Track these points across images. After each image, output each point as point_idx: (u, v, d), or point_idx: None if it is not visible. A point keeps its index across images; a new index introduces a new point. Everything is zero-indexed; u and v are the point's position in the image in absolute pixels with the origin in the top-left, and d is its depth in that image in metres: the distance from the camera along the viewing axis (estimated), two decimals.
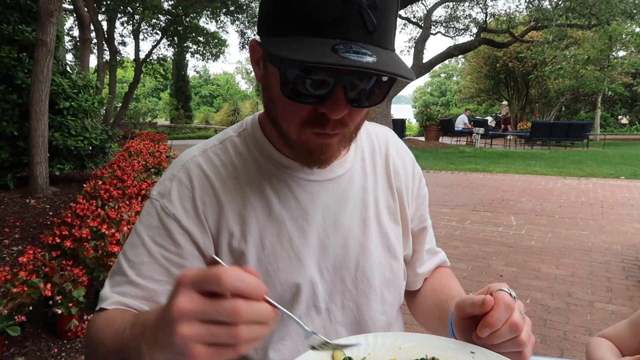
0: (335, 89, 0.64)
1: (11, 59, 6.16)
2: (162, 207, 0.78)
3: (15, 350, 2.58)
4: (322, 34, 0.60)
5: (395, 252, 0.91)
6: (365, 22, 0.61)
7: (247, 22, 17.79)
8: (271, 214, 0.80)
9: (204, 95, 50.89)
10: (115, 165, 6.72)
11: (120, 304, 0.75)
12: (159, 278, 0.76)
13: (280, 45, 0.61)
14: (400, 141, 1.00)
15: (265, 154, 0.83)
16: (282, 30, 0.63)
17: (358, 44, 0.60)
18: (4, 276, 2.64)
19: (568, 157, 13.34)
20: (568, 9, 14.02)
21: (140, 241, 0.78)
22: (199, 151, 0.84)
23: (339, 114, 0.66)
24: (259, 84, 0.77)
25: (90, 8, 12.63)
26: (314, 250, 0.82)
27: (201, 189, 0.80)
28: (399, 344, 0.69)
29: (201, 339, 0.47)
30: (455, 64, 46.50)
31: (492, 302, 0.66)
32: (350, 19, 0.60)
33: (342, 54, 0.58)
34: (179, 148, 13.21)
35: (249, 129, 0.86)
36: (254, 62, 0.75)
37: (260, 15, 0.70)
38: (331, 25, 0.60)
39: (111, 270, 0.80)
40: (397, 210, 0.92)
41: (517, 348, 0.66)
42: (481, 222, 5.79)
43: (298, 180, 0.82)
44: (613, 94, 24.54)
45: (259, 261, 0.80)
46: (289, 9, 0.62)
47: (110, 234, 3.23)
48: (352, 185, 0.87)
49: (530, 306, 3.35)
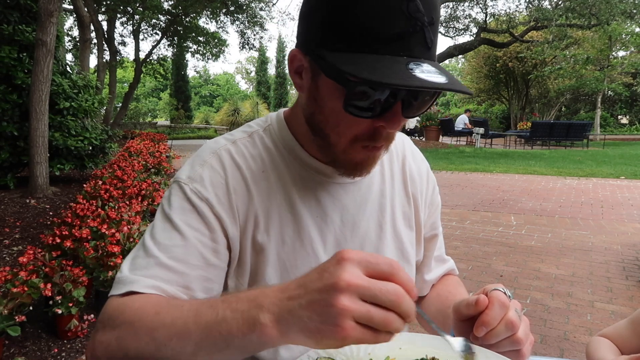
0: (396, 104, 0.65)
1: (11, 59, 6.16)
2: (194, 190, 0.76)
3: (15, 350, 2.58)
4: (389, 51, 0.61)
5: (408, 257, 0.91)
6: (426, 38, 0.62)
7: (247, 22, 17.80)
8: (293, 211, 0.81)
9: (204, 95, 50.90)
10: (115, 165, 6.73)
11: (156, 289, 0.68)
12: (194, 262, 0.73)
13: (355, 64, 0.61)
14: (416, 148, 1.00)
15: (291, 152, 0.83)
16: (346, 44, 0.63)
17: (421, 61, 0.61)
18: (4, 276, 2.64)
19: (568, 157, 13.34)
20: (568, 9, 14.04)
21: (171, 224, 0.74)
22: (229, 141, 0.83)
23: (397, 128, 0.68)
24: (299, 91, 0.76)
25: (90, 8, 12.62)
26: (330, 251, 0.82)
27: (233, 178, 0.79)
28: (400, 344, 0.69)
29: (359, 316, 0.47)
30: (455, 64, 46.53)
31: (486, 301, 0.66)
32: (416, 35, 0.61)
33: (416, 73, 0.59)
34: (179, 148, 13.22)
35: (274, 126, 0.85)
36: (293, 72, 0.74)
37: (308, 26, 0.69)
38: (398, 41, 0.61)
39: (131, 255, 0.75)
40: (412, 215, 0.93)
41: (515, 346, 0.67)
42: (481, 222, 5.79)
43: (321, 181, 0.83)
44: (613, 93, 24.56)
45: (278, 256, 0.80)
46: (349, 22, 0.62)
47: (110, 234, 3.23)
48: (371, 190, 0.87)
49: (530, 306, 3.35)
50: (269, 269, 0.79)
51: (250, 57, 58.88)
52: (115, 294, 0.69)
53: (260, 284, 0.80)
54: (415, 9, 0.60)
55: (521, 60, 21.74)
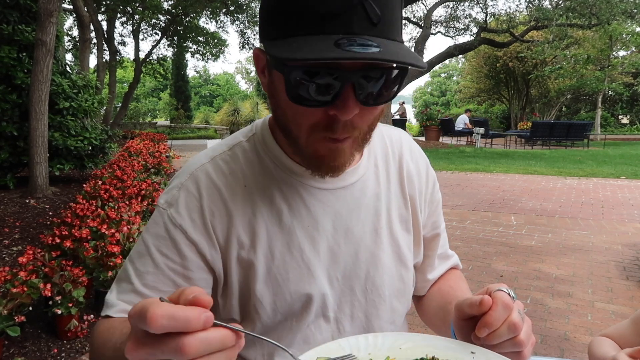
0: (344, 88, 0.61)
1: (11, 59, 6.16)
2: (170, 217, 0.76)
3: (15, 350, 2.58)
4: (323, 30, 0.58)
5: (405, 262, 0.89)
6: (368, 13, 0.58)
7: (247, 22, 17.80)
8: (281, 223, 0.79)
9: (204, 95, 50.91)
10: (115, 165, 6.72)
11: (125, 313, 0.73)
12: (164, 289, 0.75)
13: (281, 47, 0.59)
14: (415, 143, 0.97)
15: (276, 160, 0.80)
16: (282, 31, 0.61)
17: (362, 37, 0.57)
18: (4, 276, 2.63)
19: (568, 157, 13.34)
20: (568, 9, 14.04)
21: (146, 250, 0.76)
22: (208, 158, 0.81)
23: (349, 114, 0.63)
24: (265, 92, 0.75)
25: (89, 8, 12.62)
26: (324, 260, 0.81)
27: (209, 199, 0.77)
28: (400, 344, 0.69)
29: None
30: (455, 64, 46.55)
31: (490, 302, 0.65)
32: (352, 11, 0.57)
33: (345, 47, 0.55)
34: (179, 148, 13.22)
35: (258, 134, 0.83)
36: (259, 71, 0.73)
37: (261, 21, 0.68)
38: (332, 20, 0.57)
39: (118, 276, 0.79)
40: (409, 218, 0.90)
41: (517, 348, 0.66)
42: (481, 222, 5.79)
43: (309, 189, 0.80)
44: (613, 93, 24.56)
45: (268, 271, 0.78)
46: (286, 8, 0.60)
47: (110, 234, 3.23)
48: (364, 194, 0.84)
49: (530, 306, 3.35)
50: (259, 284, 0.78)
51: (250, 57, 58.94)
52: (101, 316, 0.77)
53: (252, 300, 0.79)
54: None
55: (521, 60, 21.73)
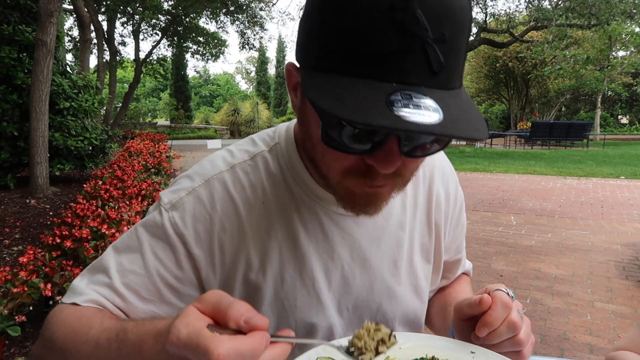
0: (387, 142, 0.53)
1: (11, 59, 6.17)
2: (172, 221, 0.69)
3: (15, 350, 2.58)
4: (373, 73, 0.47)
5: (422, 295, 0.85)
6: (430, 60, 0.47)
7: (247, 22, 17.82)
8: (296, 247, 0.73)
9: (204, 95, 50.92)
10: (115, 165, 6.73)
11: (96, 303, 0.67)
12: (146, 296, 0.68)
13: (321, 89, 0.49)
14: (447, 161, 0.89)
15: (298, 179, 0.73)
16: (323, 62, 0.51)
17: (419, 89, 0.47)
18: (4, 276, 2.64)
19: (568, 157, 13.34)
20: (568, 9, 14.05)
21: (139, 246, 0.69)
22: (227, 166, 0.73)
23: (390, 168, 0.54)
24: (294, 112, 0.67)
25: (90, 8, 12.63)
26: (336, 290, 0.76)
27: (223, 213, 0.70)
28: (399, 344, 0.69)
29: None
30: None
31: (489, 301, 0.65)
32: (411, 56, 0.47)
33: (398, 110, 0.45)
34: (179, 148, 13.23)
35: (282, 147, 0.75)
36: (290, 88, 0.64)
37: (299, 39, 0.57)
38: (385, 63, 0.47)
39: (94, 263, 0.71)
40: (431, 248, 0.85)
41: (516, 347, 0.66)
42: (481, 222, 5.79)
43: (330, 214, 0.74)
44: (613, 93, 24.55)
45: (275, 295, 0.73)
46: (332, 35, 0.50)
47: (110, 234, 3.23)
48: (388, 222, 0.79)
49: (530, 306, 3.35)
50: (265, 308, 0.73)
51: (250, 57, 58.92)
52: (63, 302, 0.71)
53: None
54: (411, 21, 0.46)
55: (521, 60, 21.75)
